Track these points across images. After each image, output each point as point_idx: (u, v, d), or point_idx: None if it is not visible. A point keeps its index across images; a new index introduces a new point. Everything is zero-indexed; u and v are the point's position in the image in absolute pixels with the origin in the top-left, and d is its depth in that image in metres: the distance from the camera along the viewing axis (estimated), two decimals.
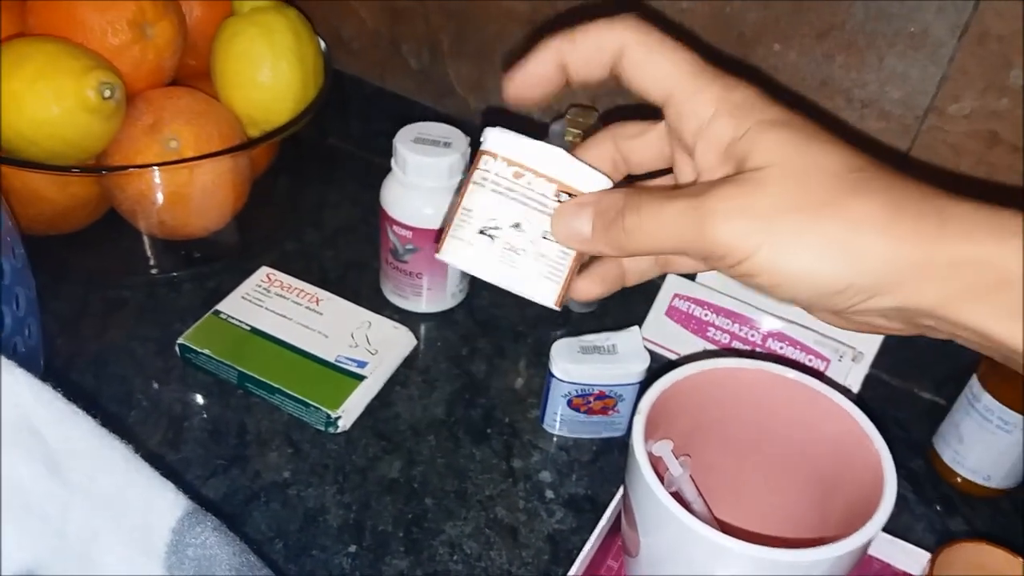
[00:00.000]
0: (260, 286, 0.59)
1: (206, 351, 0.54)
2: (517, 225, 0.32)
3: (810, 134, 0.29)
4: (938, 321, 0.28)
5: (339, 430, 0.53)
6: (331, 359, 0.55)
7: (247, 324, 0.56)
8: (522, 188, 0.32)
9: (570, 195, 0.32)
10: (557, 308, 0.33)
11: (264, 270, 0.61)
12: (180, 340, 0.55)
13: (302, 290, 0.59)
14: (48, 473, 0.31)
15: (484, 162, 0.32)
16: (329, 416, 0.52)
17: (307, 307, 0.58)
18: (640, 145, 0.34)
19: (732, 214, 0.28)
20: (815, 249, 0.27)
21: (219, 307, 0.57)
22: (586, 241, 0.32)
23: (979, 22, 0.49)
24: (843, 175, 0.28)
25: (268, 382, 0.53)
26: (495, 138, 0.32)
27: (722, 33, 0.57)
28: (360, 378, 0.54)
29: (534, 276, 0.33)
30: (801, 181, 0.28)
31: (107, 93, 0.54)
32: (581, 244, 0.32)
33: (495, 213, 0.32)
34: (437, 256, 0.33)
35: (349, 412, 0.53)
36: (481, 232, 0.32)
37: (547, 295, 0.33)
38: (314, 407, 0.52)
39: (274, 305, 0.58)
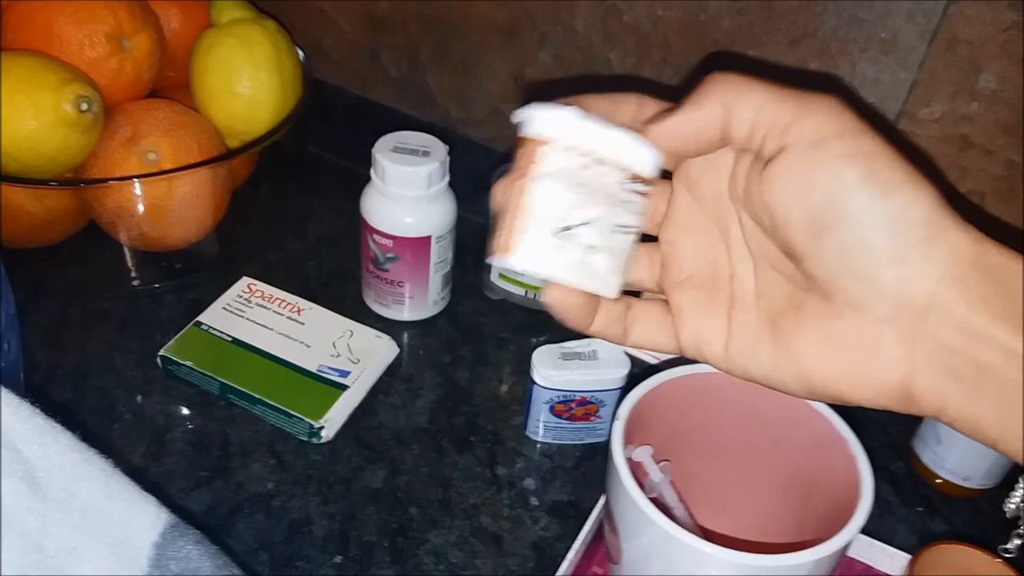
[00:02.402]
0: (241, 296, 0.59)
1: (188, 363, 0.54)
2: (588, 222, 0.29)
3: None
4: (966, 335, 0.27)
5: (322, 440, 0.53)
6: (313, 369, 0.55)
7: (228, 335, 0.56)
8: (590, 178, 0.29)
9: (640, 181, 0.30)
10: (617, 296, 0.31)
11: (245, 280, 0.61)
12: (162, 352, 0.55)
13: (283, 300, 0.59)
14: (27, 489, 0.31)
15: (540, 153, 0.28)
16: (312, 426, 0.52)
17: (289, 317, 0.58)
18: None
19: (833, 99, 0.28)
20: (889, 167, 0.27)
21: (200, 318, 0.57)
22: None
23: (948, 27, 0.50)
24: None
25: (250, 393, 0.53)
26: (547, 121, 0.28)
27: (697, 40, 0.58)
28: (343, 387, 0.54)
29: (606, 272, 0.30)
30: None
31: (84, 106, 0.53)
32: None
33: (563, 210, 0.29)
34: (499, 262, 0.29)
35: (332, 422, 0.53)
36: (552, 233, 0.29)
37: (614, 288, 0.31)
38: (297, 417, 0.52)
39: (255, 315, 0.58)
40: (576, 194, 0.29)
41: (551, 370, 0.51)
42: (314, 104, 0.66)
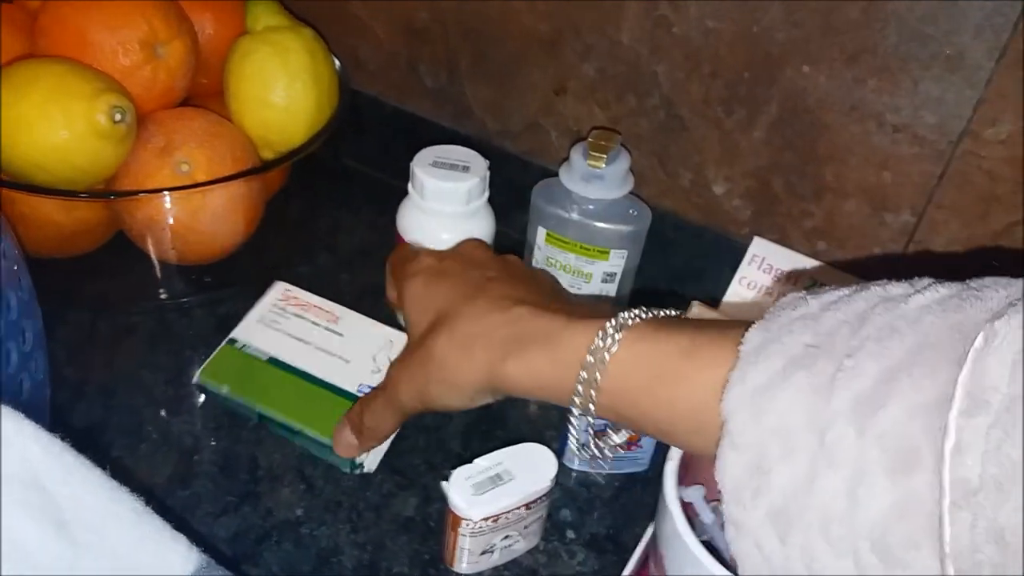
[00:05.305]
0: (276, 306, 0.57)
1: (224, 390, 0.52)
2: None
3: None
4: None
5: (364, 471, 0.51)
6: (353, 390, 0.52)
7: (264, 353, 0.54)
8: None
9: None
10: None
11: (281, 286, 0.58)
12: (196, 379, 0.53)
13: (320, 307, 0.57)
14: (56, 533, 0.29)
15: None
16: (354, 461, 0.50)
17: (326, 327, 0.56)
18: None
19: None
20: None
21: (234, 334, 0.55)
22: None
23: (1018, 44, 0.48)
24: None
25: (291, 425, 0.51)
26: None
27: (749, 54, 0.56)
28: None
29: None
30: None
31: (118, 117, 0.52)
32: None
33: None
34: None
35: (374, 452, 0.51)
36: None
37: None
38: None
39: (291, 327, 0.55)
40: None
41: None
42: (350, 115, 0.64)
